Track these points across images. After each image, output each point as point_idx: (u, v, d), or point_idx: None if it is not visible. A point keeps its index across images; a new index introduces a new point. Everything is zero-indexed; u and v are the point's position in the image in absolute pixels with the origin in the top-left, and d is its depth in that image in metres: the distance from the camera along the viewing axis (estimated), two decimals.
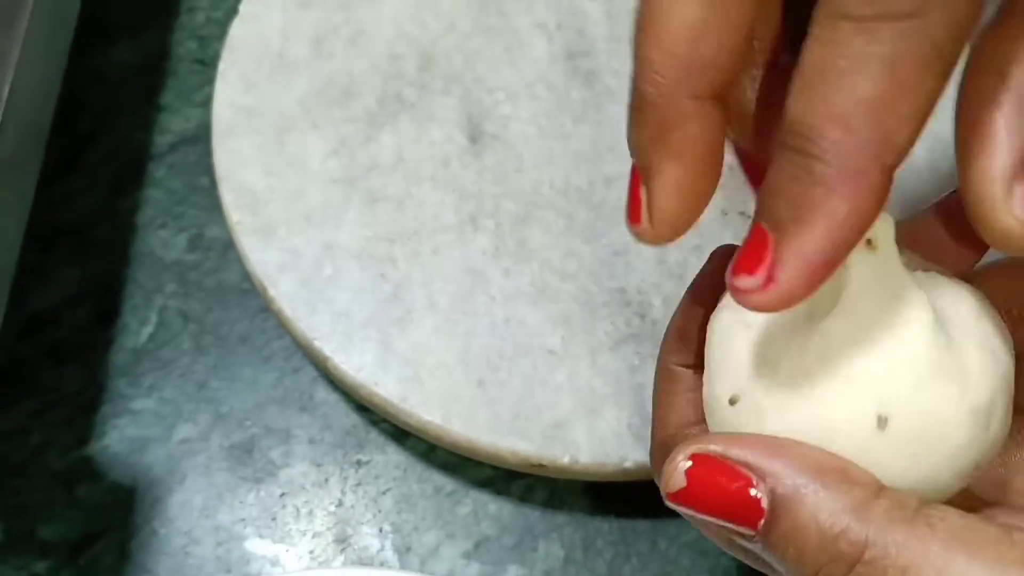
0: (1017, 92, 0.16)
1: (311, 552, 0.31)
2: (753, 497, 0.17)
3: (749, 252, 0.16)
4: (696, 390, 0.20)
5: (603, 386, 0.30)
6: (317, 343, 0.31)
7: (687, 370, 0.21)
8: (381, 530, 0.32)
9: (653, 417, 0.22)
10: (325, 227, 0.32)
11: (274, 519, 0.32)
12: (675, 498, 0.18)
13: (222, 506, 0.32)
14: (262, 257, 0.32)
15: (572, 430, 0.29)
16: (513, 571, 0.31)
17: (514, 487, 0.32)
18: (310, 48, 0.35)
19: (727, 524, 0.18)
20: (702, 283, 0.21)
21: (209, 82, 0.37)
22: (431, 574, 0.31)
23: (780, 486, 0.17)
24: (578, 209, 0.33)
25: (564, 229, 0.33)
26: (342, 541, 0.31)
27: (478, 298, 0.31)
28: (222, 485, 0.32)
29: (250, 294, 0.35)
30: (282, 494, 0.32)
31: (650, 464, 0.22)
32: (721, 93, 0.17)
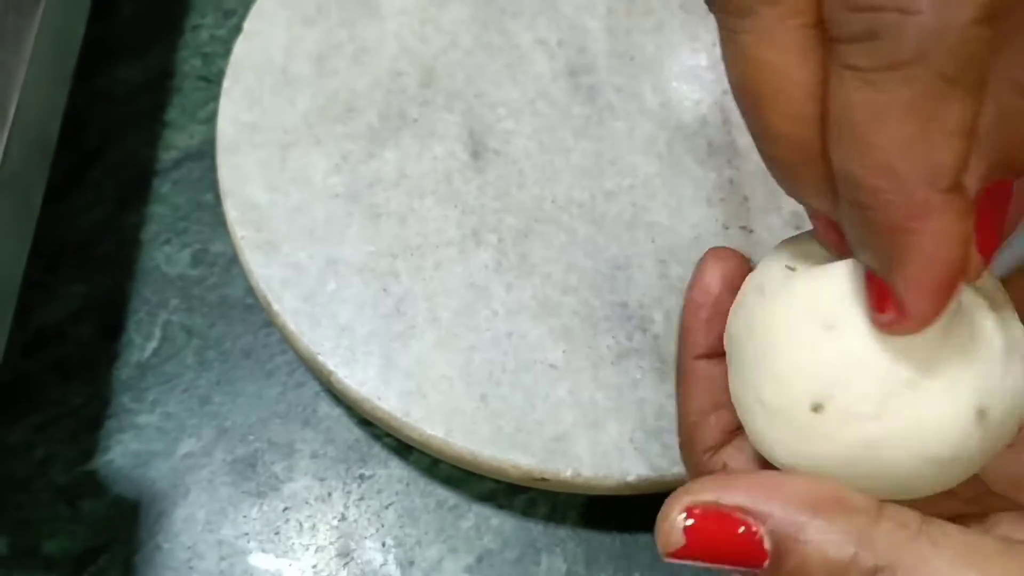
0: (976, 135, 0.16)
1: (314, 566, 0.31)
2: (753, 541, 0.17)
3: (875, 294, 0.17)
4: (709, 378, 0.21)
5: (605, 400, 0.30)
6: (320, 358, 0.31)
7: (698, 361, 0.22)
8: (384, 544, 0.32)
9: (678, 410, 0.22)
10: (328, 242, 0.33)
11: (277, 533, 0.32)
12: (676, 556, 0.18)
13: (225, 520, 0.32)
14: (266, 272, 0.32)
15: (574, 444, 0.30)
16: None
17: (516, 501, 0.32)
18: (313, 65, 0.36)
19: (732, 569, 0.18)
20: (699, 280, 0.22)
21: (213, 99, 0.37)
22: None
23: (780, 526, 0.17)
24: (579, 224, 0.33)
25: (566, 244, 0.33)
26: (345, 555, 0.32)
27: (480, 313, 0.31)
28: (225, 499, 0.32)
29: (253, 309, 0.35)
30: (285, 508, 0.32)
31: (680, 455, 0.23)
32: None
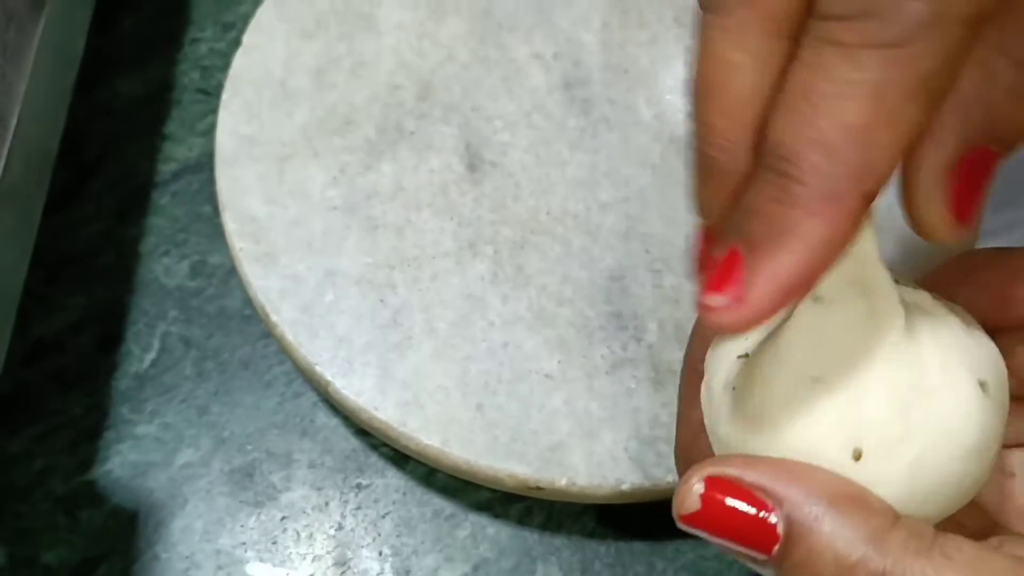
0: (960, 96, 0.16)
1: None
2: (768, 522, 0.17)
3: (721, 271, 0.16)
4: None
5: (600, 410, 0.30)
6: (318, 368, 0.31)
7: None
8: (381, 553, 0.32)
9: (678, 417, 0.22)
10: (326, 254, 0.33)
11: (275, 543, 0.32)
12: (688, 520, 0.18)
13: (223, 530, 0.32)
14: (264, 284, 0.32)
15: (569, 453, 0.30)
16: None
17: (512, 510, 0.33)
18: (312, 78, 0.36)
19: (740, 548, 0.18)
20: None
21: (212, 112, 0.38)
22: None
23: (796, 512, 0.17)
24: (575, 235, 0.34)
25: (561, 255, 0.33)
26: (342, 564, 0.32)
27: (476, 323, 0.32)
28: (223, 509, 0.32)
29: (252, 320, 0.35)
30: (283, 518, 0.32)
31: (675, 466, 0.22)
32: None
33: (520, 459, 0.30)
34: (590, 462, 0.30)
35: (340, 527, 0.32)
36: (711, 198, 0.17)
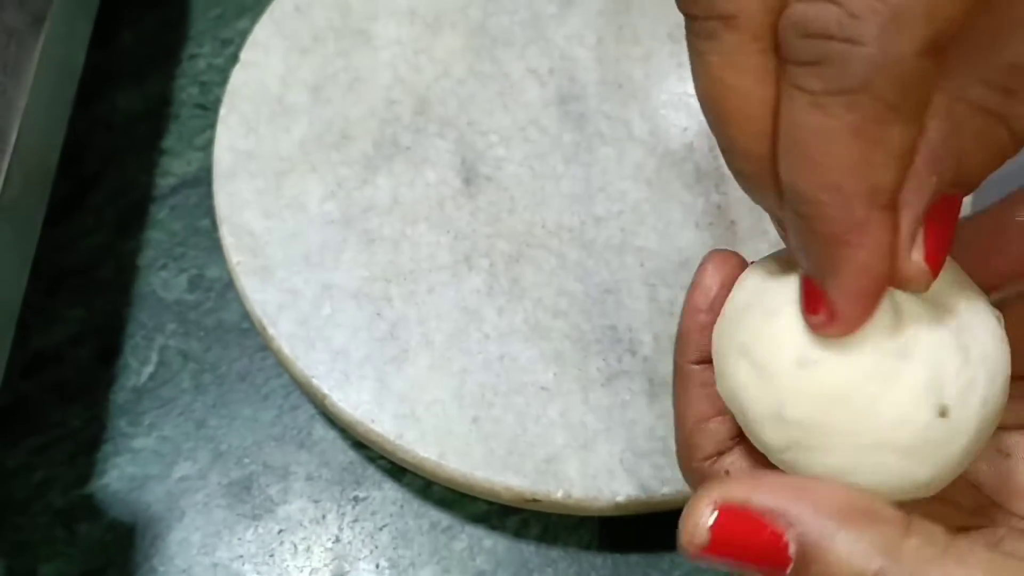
0: (929, 148, 0.17)
1: None
2: (779, 545, 0.17)
3: (808, 296, 0.18)
4: (707, 383, 0.21)
5: (595, 422, 0.31)
6: (315, 381, 0.31)
7: (697, 366, 0.22)
8: (378, 566, 0.32)
9: (675, 416, 0.22)
10: (323, 268, 0.33)
11: (272, 555, 0.32)
12: (699, 554, 0.18)
13: (220, 543, 0.32)
14: (261, 297, 0.32)
15: (565, 465, 0.30)
16: None
17: (509, 522, 0.33)
18: (309, 94, 0.36)
19: (753, 571, 0.18)
20: (699, 283, 0.22)
21: (210, 126, 0.38)
22: None
23: (808, 531, 0.17)
24: (570, 248, 0.34)
25: (556, 268, 0.33)
26: None
27: (472, 336, 0.32)
28: (220, 522, 0.33)
29: (249, 333, 0.36)
30: (280, 531, 0.32)
31: (677, 461, 0.22)
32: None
33: (516, 471, 0.30)
34: (586, 474, 0.30)
35: (337, 540, 0.32)
36: (775, 202, 0.18)
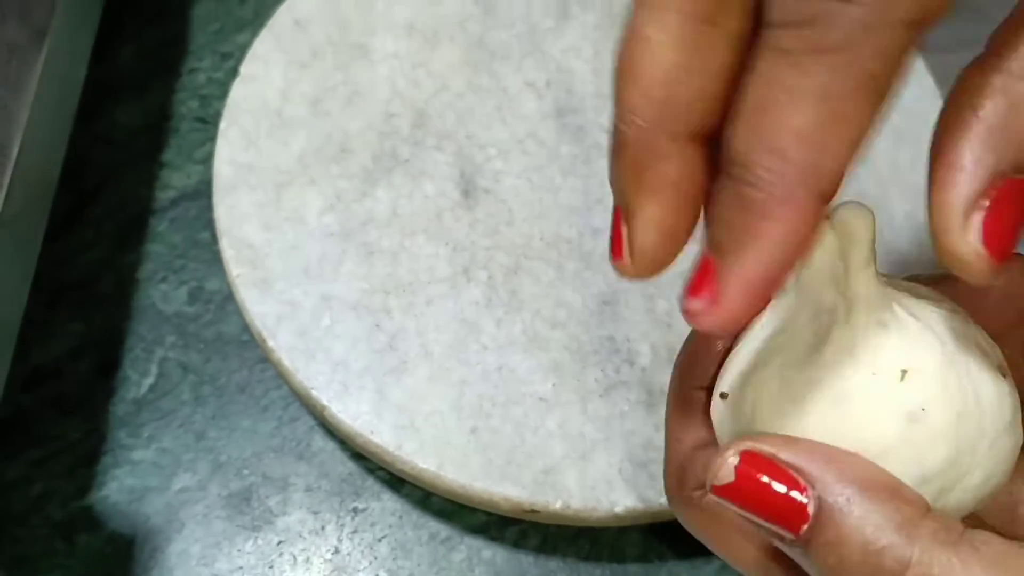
0: (986, 125, 0.17)
1: None
2: (799, 501, 0.17)
3: (697, 277, 0.17)
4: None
5: (593, 432, 0.31)
6: (315, 392, 0.31)
7: (700, 392, 0.21)
8: None
9: (666, 443, 0.22)
10: (322, 280, 0.33)
11: (271, 567, 0.32)
12: (720, 492, 0.18)
13: (220, 555, 0.32)
14: (261, 309, 0.33)
15: (563, 476, 0.30)
16: None
17: (508, 533, 0.33)
18: (308, 107, 0.37)
19: (768, 525, 0.18)
20: None
21: (210, 140, 0.38)
22: None
23: (828, 494, 0.17)
24: (568, 260, 0.34)
25: (554, 279, 0.34)
26: None
27: (471, 347, 0.32)
28: (220, 534, 0.33)
29: (249, 345, 0.36)
30: (279, 542, 0.33)
31: (664, 488, 0.22)
32: (701, 133, 0.17)
33: (515, 482, 0.30)
34: (584, 485, 0.30)
35: (337, 551, 0.32)
36: (620, 174, 0.18)
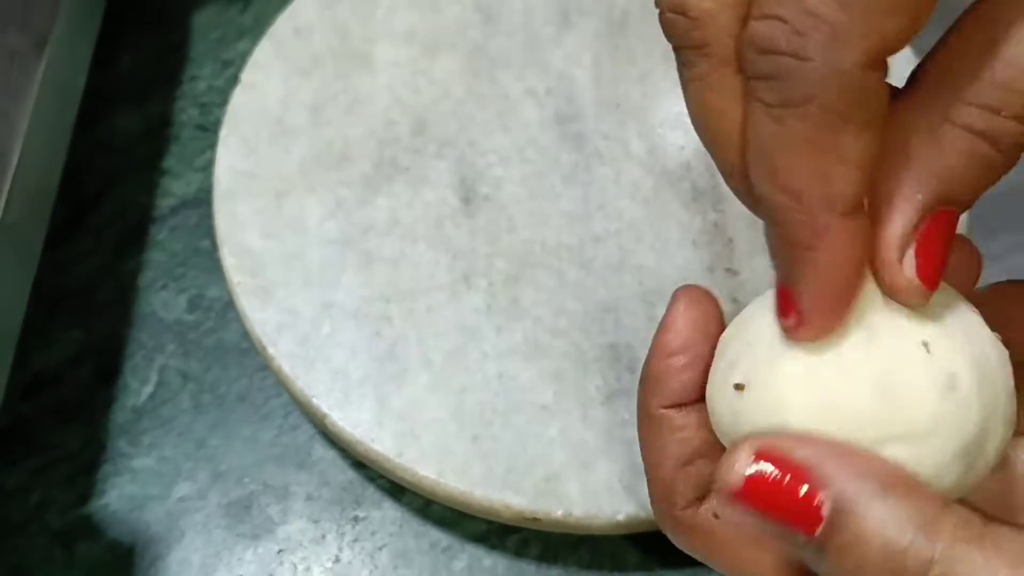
0: (915, 165, 0.18)
1: None
2: (813, 503, 0.17)
3: (781, 301, 0.19)
4: (683, 427, 0.21)
5: (595, 440, 0.31)
6: (315, 400, 0.31)
7: (669, 411, 0.21)
8: None
9: (646, 468, 0.22)
10: (323, 287, 0.33)
11: None
12: (731, 494, 0.18)
13: (220, 563, 0.32)
14: (261, 317, 0.33)
15: (565, 484, 0.30)
16: None
17: (509, 541, 0.33)
18: (308, 115, 0.37)
19: (781, 527, 0.17)
20: (670, 324, 0.22)
21: (210, 147, 0.38)
22: None
23: (845, 494, 0.17)
24: (568, 267, 0.34)
25: (555, 287, 0.34)
26: None
27: (471, 355, 0.32)
28: (220, 542, 0.32)
29: (249, 353, 0.36)
30: (280, 551, 0.32)
31: (652, 511, 0.22)
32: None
33: (516, 490, 0.30)
34: (585, 493, 0.30)
35: (337, 560, 0.32)
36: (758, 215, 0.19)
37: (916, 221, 0.18)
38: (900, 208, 0.18)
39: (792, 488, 0.17)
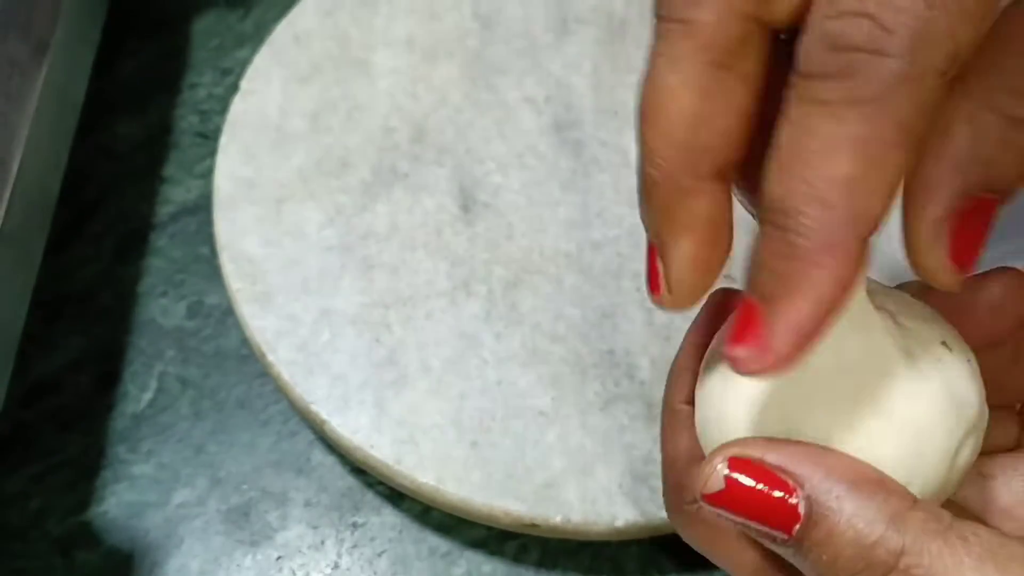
0: (954, 150, 0.18)
1: None
2: (789, 503, 0.18)
3: (742, 324, 0.17)
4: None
5: (593, 446, 0.31)
6: (314, 407, 0.31)
7: (688, 407, 0.22)
8: None
9: (663, 458, 0.22)
10: (322, 294, 0.33)
11: None
12: (711, 500, 0.18)
13: (219, 570, 0.32)
14: (261, 324, 0.33)
15: (563, 490, 0.30)
16: None
17: (507, 547, 0.33)
18: (308, 122, 0.37)
19: (761, 527, 0.18)
20: (702, 322, 0.22)
21: (210, 155, 0.38)
22: None
23: (817, 493, 0.17)
24: (567, 274, 0.34)
25: (554, 293, 0.34)
26: None
27: (470, 361, 0.32)
28: (219, 549, 0.33)
29: (248, 360, 0.36)
30: (278, 557, 0.32)
31: (664, 505, 0.22)
32: (724, 171, 0.18)
33: (515, 496, 0.30)
34: (584, 498, 0.30)
35: (336, 566, 0.32)
36: (652, 214, 0.19)
37: (953, 205, 0.18)
38: (938, 191, 0.18)
39: (768, 491, 0.18)
